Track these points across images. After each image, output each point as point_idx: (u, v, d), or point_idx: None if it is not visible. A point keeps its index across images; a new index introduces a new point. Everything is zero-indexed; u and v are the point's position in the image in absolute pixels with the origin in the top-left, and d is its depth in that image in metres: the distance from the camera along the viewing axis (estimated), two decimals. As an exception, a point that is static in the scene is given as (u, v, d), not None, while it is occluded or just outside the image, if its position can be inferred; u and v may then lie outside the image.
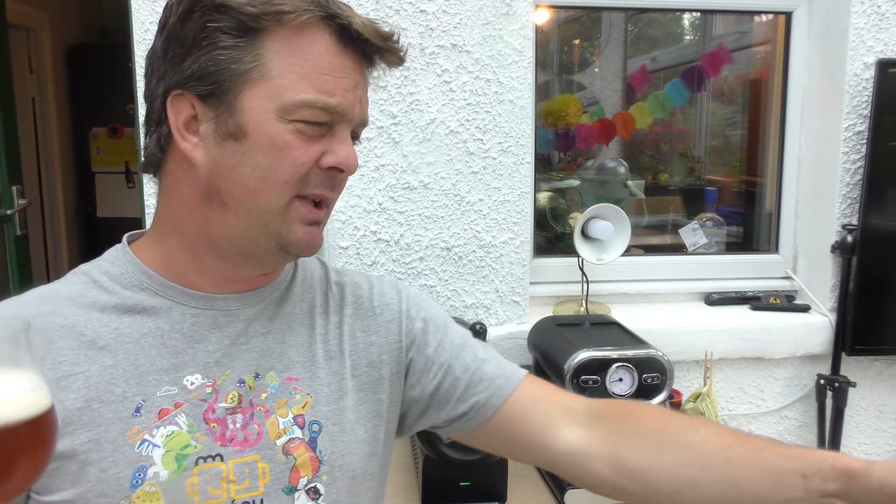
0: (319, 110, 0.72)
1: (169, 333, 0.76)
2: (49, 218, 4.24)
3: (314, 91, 0.72)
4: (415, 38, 1.64)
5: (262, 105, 0.71)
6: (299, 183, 0.73)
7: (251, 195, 0.73)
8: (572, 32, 2.32)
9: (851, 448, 1.94)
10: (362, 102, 0.78)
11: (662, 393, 1.37)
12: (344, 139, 0.75)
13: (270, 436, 0.76)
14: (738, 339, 1.83)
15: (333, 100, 0.73)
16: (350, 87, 0.75)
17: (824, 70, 1.89)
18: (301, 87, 0.71)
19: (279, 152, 0.72)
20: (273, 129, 0.71)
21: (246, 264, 0.78)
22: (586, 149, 2.18)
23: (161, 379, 0.75)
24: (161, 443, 0.73)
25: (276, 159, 0.72)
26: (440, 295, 1.74)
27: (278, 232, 0.74)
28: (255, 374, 0.78)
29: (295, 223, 0.75)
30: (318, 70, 0.72)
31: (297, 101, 0.71)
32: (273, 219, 0.74)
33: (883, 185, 1.77)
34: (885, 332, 1.83)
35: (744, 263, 2.05)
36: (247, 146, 0.72)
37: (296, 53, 0.72)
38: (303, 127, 0.72)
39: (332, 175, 0.76)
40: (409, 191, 1.69)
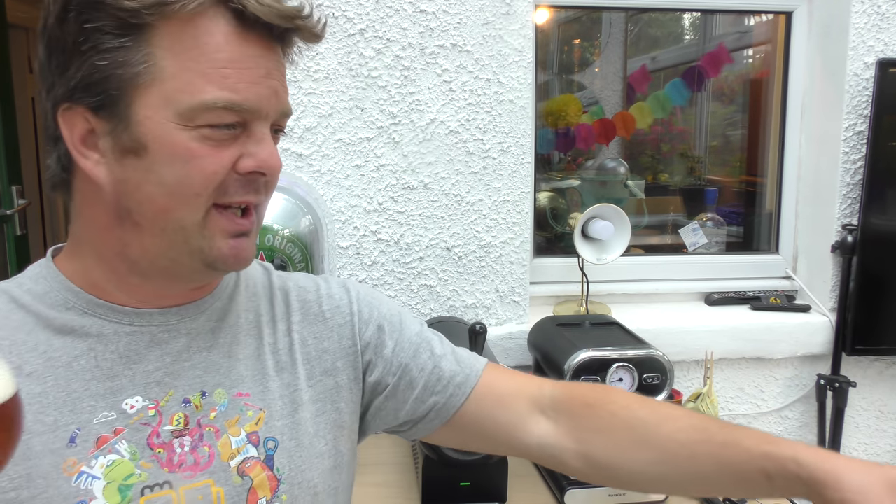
0: (224, 110, 0.63)
1: (103, 354, 0.69)
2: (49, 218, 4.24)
3: (215, 89, 0.63)
4: (415, 38, 1.64)
5: (158, 113, 0.63)
6: (215, 193, 0.65)
7: (162, 213, 0.65)
8: (572, 32, 2.31)
9: (852, 448, 1.93)
10: (279, 92, 0.68)
11: (662, 393, 1.37)
12: (262, 138, 0.67)
13: (223, 457, 0.71)
14: (739, 339, 1.83)
15: (239, 96, 0.64)
16: (258, 77, 0.65)
17: (824, 70, 1.89)
18: (199, 87, 0.62)
19: (185, 164, 0.63)
20: (174, 140, 0.63)
21: (175, 283, 0.72)
22: (586, 149, 2.18)
23: (97, 405, 0.68)
24: (101, 474, 0.66)
25: (183, 172, 0.64)
26: (440, 295, 1.74)
27: (200, 249, 0.67)
28: (202, 393, 0.72)
29: (217, 237, 0.67)
30: (216, 64, 0.63)
31: (196, 104, 0.62)
32: (192, 235, 0.66)
33: (883, 185, 1.76)
34: (885, 332, 1.83)
35: (744, 263, 2.05)
36: (149, 161, 0.64)
37: (189, 48, 0.62)
38: (209, 132, 0.64)
39: (254, 179, 0.68)
40: (409, 191, 1.69)
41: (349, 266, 1.69)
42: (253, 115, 0.66)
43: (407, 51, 1.64)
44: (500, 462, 1.38)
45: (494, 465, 1.37)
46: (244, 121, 0.66)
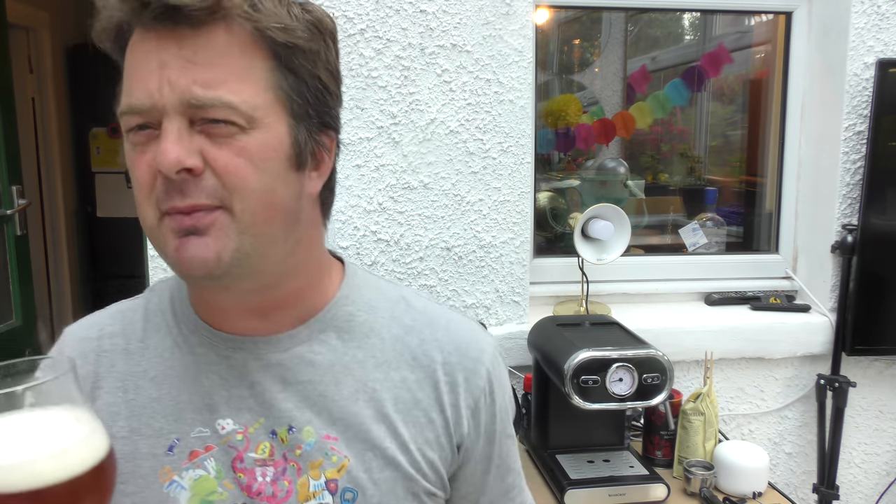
0: (127, 116, 0.64)
1: (206, 373, 0.72)
2: (49, 218, 4.24)
3: (125, 98, 0.64)
4: (415, 38, 1.64)
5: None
6: (152, 198, 0.64)
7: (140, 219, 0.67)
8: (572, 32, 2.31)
9: (852, 448, 1.94)
10: (173, 81, 0.61)
11: (662, 393, 1.37)
12: (163, 135, 0.61)
13: (299, 496, 0.70)
14: (739, 339, 1.83)
15: (131, 98, 0.63)
16: (149, 72, 0.62)
17: (824, 70, 1.89)
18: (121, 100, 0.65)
19: (132, 170, 0.65)
20: (126, 150, 0.66)
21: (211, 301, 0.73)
22: (586, 149, 2.18)
23: (196, 418, 0.71)
24: (188, 486, 0.69)
25: (133, 177, 0.65)
26: (440, 295, 1.74)
27: (164, 254, 0.66)
28: (289, 427, 0.71)
29: (168, 239, 0.64)
30: (128, 76, 0.64)
31: (120, 115, 0.65)
32: (156, 237, 0.66)
33: (883, 185, 1.77)
34: (885, 332, 1.83)
35: (744, 263, 2.05)
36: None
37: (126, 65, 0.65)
38: (133, 137, 0.64)
39: (170, 181, 0.62)
40: (409, 191, 1.69)
41: (349, 266, 1.69)
42: (154, 114, 0.62)
43: (407, 51, 1.64)
44: (500, 462, 1.38)
45: (494, 464, 1.37)
46: (155, 122, 0.62)
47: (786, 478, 1.94)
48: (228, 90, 0.62)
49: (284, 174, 0.66)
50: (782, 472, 1.94)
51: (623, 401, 1.37)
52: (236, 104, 0.62)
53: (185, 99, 0.61)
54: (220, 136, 0.62)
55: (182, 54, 0.61)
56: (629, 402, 1.38)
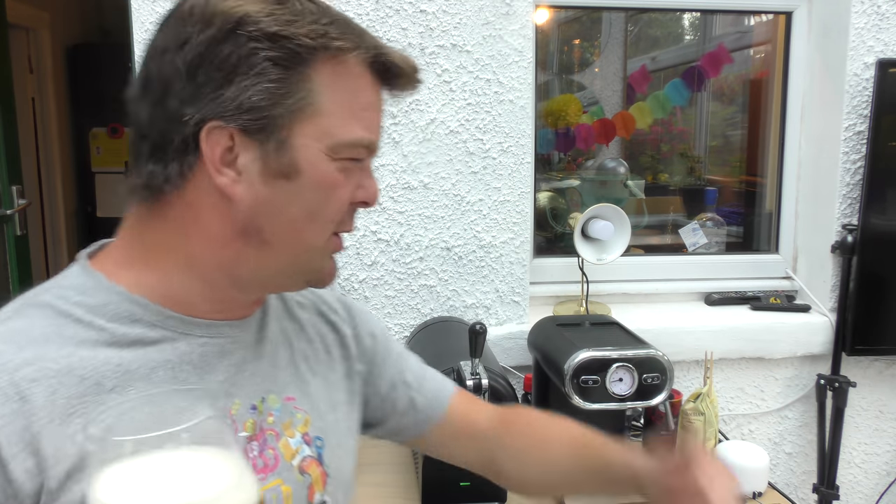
0: (364, 148, 0.71)
1: (179, 366, 0.70)
2: (49, 218, 4.24)
3: (361, 129, 0.70)
4: (415, 38, 1.64)
5: (314, 143, 0.67)
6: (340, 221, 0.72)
7: (297, 234, 0.70)
8: (572, 32, 2.31)
9: (852, 448, 1.94)
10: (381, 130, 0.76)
11: (662, 393, 1.37)
12: (370, 172, 0.74)
13: (286, 457, 0.75)
14: (739, 339, 1.83)
15: (374, 136, 0.72)
16: (381, 119, 0.74)
17: (824, 70, 1.89)
18: (350, 126, 0.69)
19: (328, 191, 0.69)
20: (324, 168, 0.68)
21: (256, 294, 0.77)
22: (586, 149, 2.18)
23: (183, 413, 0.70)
24: None
25: (325, 198, 0.69)
26: (440, 295, 1.74)
27: (317, 269, 0.74)
28: (262, 399, 0.76)
29: (328, 259, 0.74)
30: (361, 107, 0.70)
31: (347, 141, 0.69)
32: (315, 256, 0.72)
33: (883, 185, 1.77)
34: (885, 332, 1.83)
35: (744, 263, 2.05)
36: (298, 185, 0.67)
37: (344, 89, 0.69)
38: (346, 164, 0.70)
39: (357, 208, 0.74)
40: (409, 191, 1.69)
41: (349, 266, 1.70)
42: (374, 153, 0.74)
43: (407, 51, 1.64)
44: (500, 462, 1.38)
45: (494, 465, 1.37)
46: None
47: (786, 478, 1.94)
48: None
49: None
50: (782, 472, 1.94)
51: (623, 401, 1.37)
52: None
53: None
54: None
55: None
56: (629, 402, 1.38)
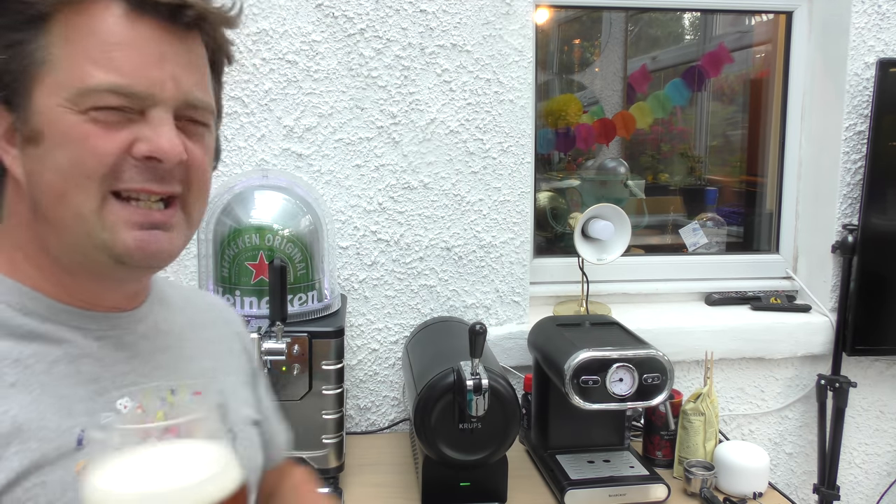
0: (108, 93, 0.62)
1: (79, 358, 0.68)
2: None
3: (101, 72, 0.62)
4: (415, 38, 1.64)
5: (52, 99, 0.62)
6: (108, 178, 0.63)
7: (60, 201, 0.64)
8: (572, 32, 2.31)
9: (852, 448, 1.93)
10: (177, 78, 0.65)
11: (662, 393, 1.37)
12: (159, 124, 0.64)
13: None
14: (739, 339, 1.83)
15: (123, 79, 0.62)
16: (150, 60, 0.64)
17: (825, 70, 1.89)
18: (85, 70, 0.62)
19: (77, 145, 0.62)
20: (66, 122, 0.62)
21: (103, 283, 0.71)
22: (586, 149, 2.18)
23: (93, 406, 0.67)
24: None
25: (75, 153, 0.62)
26: (440, 295, 1.74)
27: (104, 242, 0.65)
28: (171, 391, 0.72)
29: (120, 229, 0.65)
30: (104, 47, 0.62)
31: (83, 88, 0.62)
32: (92, 226, 0.64)
33: (883, 184, 1.76)
34: (885, 332, 1.83)
35: (744, 263, 2.05)
36: (45, 148, 0.63)
37: (83, 35, 0.62)
38: (98, 115, 0.62)
39: (153, 166, 0.65)
40: (409, 191, 1.69)
41: (349, 266, 1.69)
42: (144, 100, 0.64)
43: (407, 51, 1.64)
44: (500, 462, 1.38)
45: (494, 465, 1.37)
46: (137, 106, 0.64)
47: (786, 478, 1.94)
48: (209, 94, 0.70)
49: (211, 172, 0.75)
50: (783, 472, 1.94)
51: (623, 401, 1.37)
52: (212, 108, 0.71)
53: (187, 99, 0.66)
54: (195, 134, 0.69)
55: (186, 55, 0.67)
56: (629, 403, 1.38)
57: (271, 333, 1.24)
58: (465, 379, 1.27)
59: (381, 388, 1.76)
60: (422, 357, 1.50)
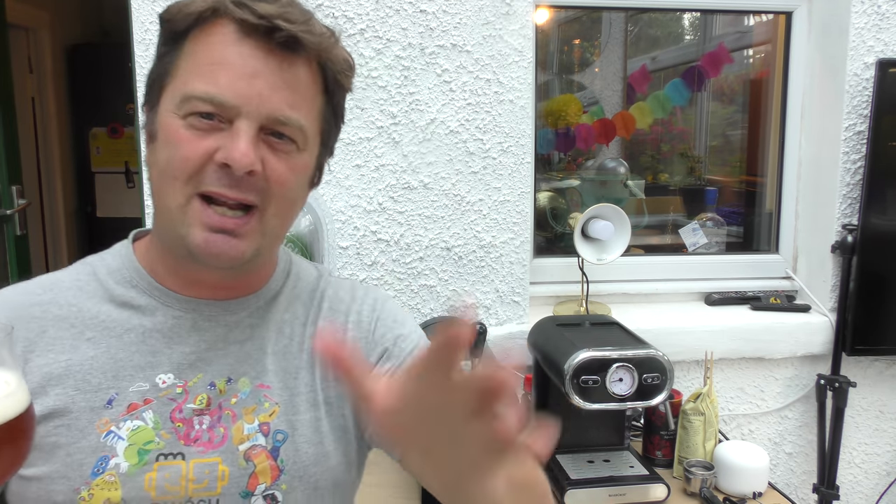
0: (202, 101, 0.70)
1: (150, 332, 0.78)
2: (49, 218, 4.24)
3: (201, 82, 0.70)
4: (415, 38, 1.64)
5: (167, 104, 0.72)
6: (194, 180, 0.71)
7: (158, 194, 0.74)
8: (572, 32, 2.31)
9: (852, 448, 1.93)
10: (265, 95, 0.71)
11: (662, 393, 1.37)
12: (238, 134, 0.70)
13: (234, 440, 0.77)
14: (739, 339, 1.83)
15: (216, 89, 0.70)
16: (242, 75, 0.70)
17: (824, 70, 1.89)
18: (192, 82, 0.71)
19: (173, 147, 0.71)
20: (170, 125, 0.71)
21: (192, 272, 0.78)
22: (586, 149, 2.18)
23: (136, 375, 0.76)
24: (126, 436, 0.74)
25: (171, 154, 0.71)
26: (440, 295, 1.74)
27: (181, 236, 0.73)
28: (228, 379, 0.79)
29: (195, 226, 0.72)
30: (208, 61, 0.71)
31: (184, 94, 0.70)
32: (176, 220, 0.72)
33: (883, 184, 1.76)
34: (885, 332, 1.83)
35: (744, 263, 2.05)
36: (157, 145, 0.73)
37: (200, 50, 0.71)
38: (194, 121, 0.70)
39: (229, 172, 0.70)
40: (409, 191, 1.69)
41: (349, 266, 1.69)
42: (231, 111, 0.70)
43: (407, 51, 1.64)
44: (500, 462, 1.38)
45: (494, 465, 1.37)
46: (226, 116, 0.70)
47: (786, 478, 1.94)
48: (303, 115, 0.74)
49: (305, 190, 0.81)
50: (782, 472, 1.94)
51: (623, 401, 1.37)
52: (305, 128, 0.75)
53: (272, 114, 0.71)
54: (281, 150, 0.73)
55: (281, 75, 0.72)
56: (629, 402, 1.38)
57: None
58: (465, 379, 1.27)
59: (381, 388, 1.75)
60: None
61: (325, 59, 0.75)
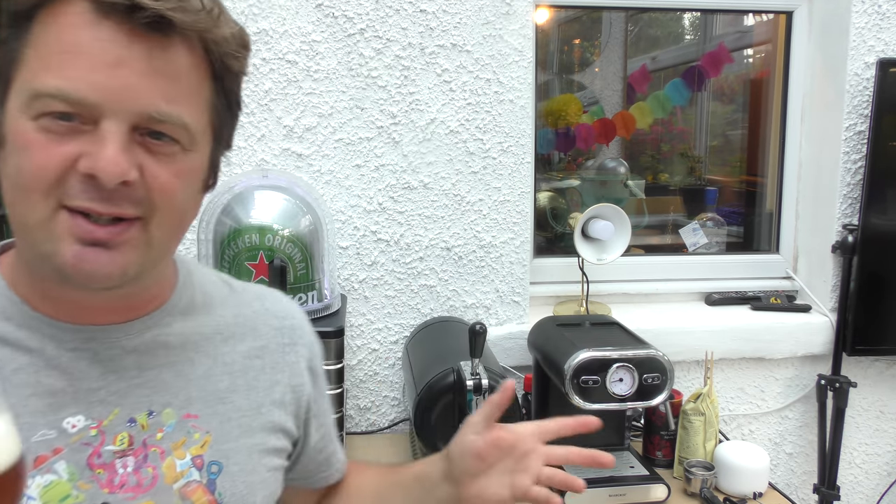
0: (53, 98, 0.57)
1: (44, 370, 0.64)
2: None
3: (50, 75, 0.57)
4: (415, 38, 1.64)
5: (15, 102, 0.59)
6: (55, 191, 0.58)
7: (13, 209, 0.61)
8: (572, 32, 2.31)
9: (852, 448, 1.93)
10: (133, 88, 0.58)
11: (662, 393, 1.37)
12: (104, 138, 0.58)
13: (167, 479, 0.68)
14: (739, 339, 1.82)
15: (69, 84, 0.57)
16: (104, 64, 0.57)
17: (825, 70, 1.89)
18: (39, 73, 0.58)
19: (22, 154, 0.58)
20: (19, 129, 0.58)
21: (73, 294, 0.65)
22: (586, 149, 2.18)
23: (36, 422, 0.64)
24: (37, 494, 0.63)
25: (21, 163, 0.58)
26: (440, 295, 1.73)
27: (46, 254, 0.60)
28: (149, 412, 0.69)
29: (63, 240, 0.59)
30: (59, 48, 0.57)
31: (33, 90, 0.58)
32: (38, 237, 0.60)
33: (883, 184, 1.76)
34: (885, 332, 1.82)
35: (744, 263, 2.05)
36: (6, 153, 0.60)
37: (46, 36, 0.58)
38: (47, 122, 0.58)
39: (97, 184, 0.58)
40: (409, 191, 1.69)
41: (349, 266, 1.69)
42: (94, 110, 0.58)
43: (407, 51, 1.64)
44: (500, 462, 1.38)
45: (494, 465, 1.37)
46: (89, 116, 0.58)
47: (786, 478, 1.94)
48: (185, 109, 0.62)
49: (197, 196, 0.69)
50: (783, 472, 1.94)
51: (623, 401, 1.37)
52: (189, 125, 0.62)
53: (145, 110, 0.59)
54: (161, 153, 0.61)
55: (151, 63, 0.59)
56: (629, 403, 1.38)
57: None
58: (465, 379, 1.27)
59: (381, 388, 1.76)
60: (422, 357, 1.50)
61: (208, 39, 0.62)
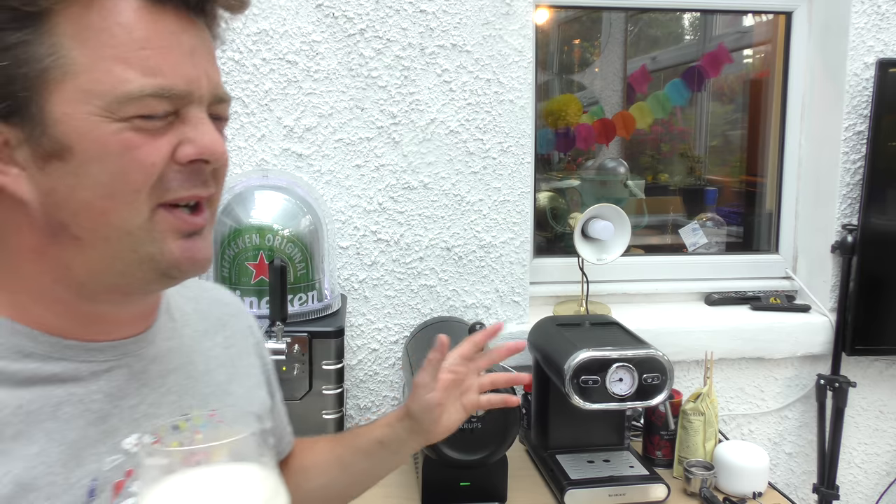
0: (153, 99, 0.56)
1: (89, 396, 0.63)
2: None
3: (138, 75, 0.56)
4: (415, 38, 1.64)
5: (78, 108, 0.55)
6: (157, 189, 0.58)
7: (102, 219, 0.58)
8: (572, 32, 2.31)
9: (852, 448, 1.93)
10: (209, 73, 0.60)
11: (662, 393, 1.37)
12: (199, 122, 0.59)
13: None
14: (739, 339, 1.83)
15: (166, 80, 0.57)
16: (182, 56, 0.58)
17: (824, 70, 1.89)
18: (120, 75, 0.55)
19: (119, 158, 0.56)
20: (103, 133, 0.56)
21: (127, 300, 0.65)
22: (586, 149, 2.18)
23: (100, 450, 0.62)
24: None
25: (118, 167, 0.57)
26: (440, 295, 1.74)
27: (151, 256, 0.60)
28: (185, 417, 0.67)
29: (168, 240, 0.60)
30: (133, 45, 0.56)
31: (124, 94, 0.56)
32: (139, 241, 0.59)
33: (883, 184, 1.76)
34: (885, 332, 1.83)
35: (744, 263, 2.05)
36: (76, 163, 0.56)
37: (99, 32, 0.55)
38: (141, 122, 0.57)
39: (199, 169, 0.60)
40: (409, 191, 1.69)
41: (349, 266, 1.69)
42: (184, 100, 0.58)
43: (407, 51, 1.64)
44: (500, 462, 1.38)
45: (494, 465, 1.37)
46: (174, 108, 0.58)
47: (786, 478, 1.94)
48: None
49: None
50: (782, 472, 1.94)
51: (623, 401, 1.37)
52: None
53: (215, 92, 0.61)
54: (221, 130, 0.64)
55: (205, 46, 0.61)
56: (629, 402, 1.38)
57: (271, 333, 1.24)
58: (465, 379, 1.27)
59: (381, 388, 1.76)
60: (422, 357, 1.50)
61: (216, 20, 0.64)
